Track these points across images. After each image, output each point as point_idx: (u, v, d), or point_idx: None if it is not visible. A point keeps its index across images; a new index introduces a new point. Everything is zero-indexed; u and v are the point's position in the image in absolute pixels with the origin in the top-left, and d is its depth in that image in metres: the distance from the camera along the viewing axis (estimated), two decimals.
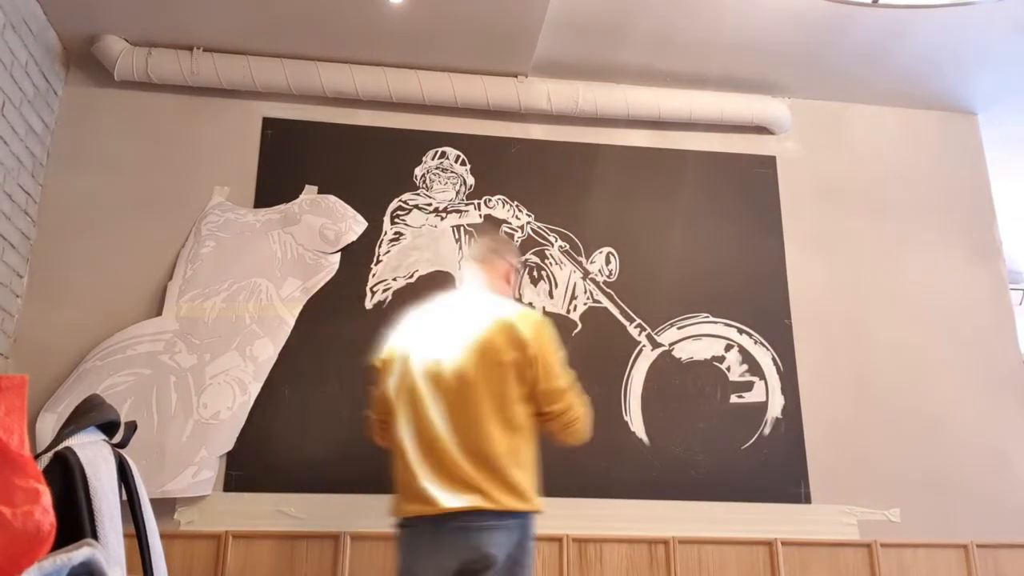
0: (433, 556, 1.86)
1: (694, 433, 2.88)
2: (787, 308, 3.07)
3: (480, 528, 1.84)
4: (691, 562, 2.71)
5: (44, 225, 2.80)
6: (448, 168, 3.07)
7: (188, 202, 2.90)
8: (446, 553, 1.85)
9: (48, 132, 2.86)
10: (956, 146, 3.41)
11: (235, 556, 2.55)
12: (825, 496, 2.86)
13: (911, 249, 3.23)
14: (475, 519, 1.84)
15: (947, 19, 2.83)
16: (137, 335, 2.69)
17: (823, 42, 2.98)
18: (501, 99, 3.07)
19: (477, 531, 1.84)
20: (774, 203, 3.21)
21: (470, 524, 1.84)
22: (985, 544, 2.85)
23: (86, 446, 1.24)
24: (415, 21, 2.79)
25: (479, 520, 1.84)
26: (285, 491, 2.64)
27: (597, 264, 3.03)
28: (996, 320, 3.17)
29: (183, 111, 3.00)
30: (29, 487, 0.92)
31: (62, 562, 0.91)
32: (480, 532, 1.84)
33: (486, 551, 1.83)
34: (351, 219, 2.92)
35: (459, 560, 1.84)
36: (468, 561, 1.84)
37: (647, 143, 3.22)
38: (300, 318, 2.80)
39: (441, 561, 1.85)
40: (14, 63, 2.58)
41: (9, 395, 0.95)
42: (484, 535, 1.84)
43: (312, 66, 2.98)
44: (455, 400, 1.92)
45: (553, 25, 2.85)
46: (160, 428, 2.59)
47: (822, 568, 2.76)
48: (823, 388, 2.99)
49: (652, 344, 2.96)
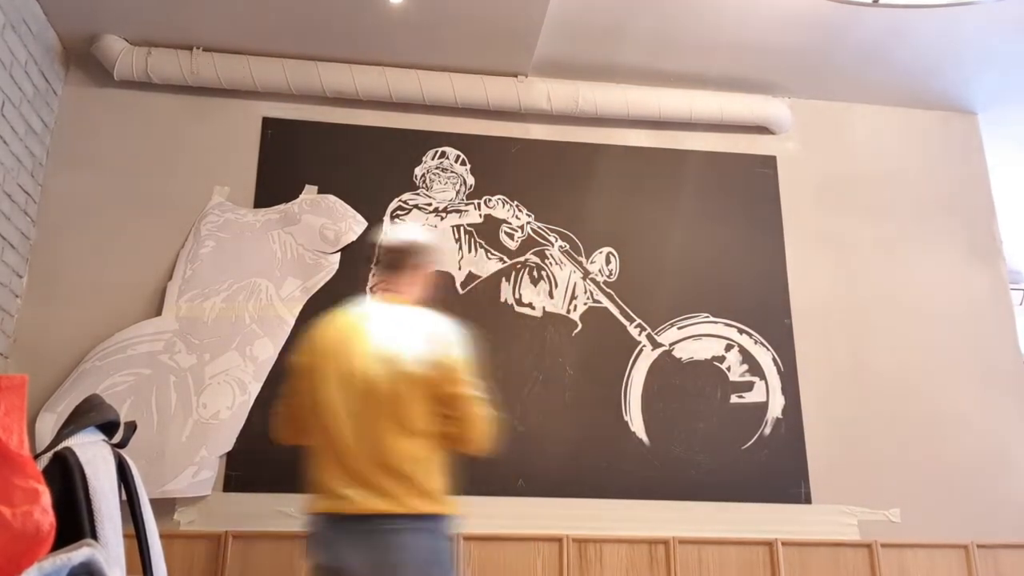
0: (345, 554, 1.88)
1: (694, 433, 2.88)
2: (787, 308, 3.07)
3: (392, 531, 1.87)
4: (691, 562, 2.71)
5: (44, 225, 2.80)
6: (448, 168, 3.07)
7: (188, 202, 2.90)
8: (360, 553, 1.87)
9: (48, 132, 2.86)
10: (956, 146, 3.40)
11: (235, 556, 2.55)
12: (825, 496, 2.86)
13: (911, 249, 3.23)
14: (387, 522, 1.87)
15: (947, 19, 2.83)
16: (137, 335, 2.69)
17: (823, 42, 2.98)
18: (501, 99, 3.06)
19: (389, 533, 1.87)
20: (774, 203, 3.21)
21: (382, 527, 1.87)
22: (985, 544, 2.84)
23: (86, 446, 1.24)
24: (415, 21, 2.79)
25: (391, 523, 1.87)
26: (285, 491, 2.64)
27: (597, 264, 3.03)
28: (996, 320, 3.17)
29: (183, 111, 3.00)
30: (28, 487, 0.92)
31: (62, 562, 0.91)
32: (391, 534, 1.87)
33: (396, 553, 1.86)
34: (351, 219, 2.92)
35: (371, 561, 1.86)
36: (379, 563, 1.85)
37: (647, 143, 3.22)
38: (300, 318, 2.79)
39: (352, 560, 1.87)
40: (14, 63, 2.58)
41: (9, 395, 0.95)
42: (394, 537, 1.86)
43: (312, 66, 2.98)
44: (365, 409, 1.94)
45: (553, 25, 2.85)
46: (160, 428, 2.59)
47: (822, 568, 2.76)
48: (823, 388, 2.99)
49: (652, 344, 2.96)
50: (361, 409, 1.95)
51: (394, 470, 1.91)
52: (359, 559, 1.87)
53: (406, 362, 1.96)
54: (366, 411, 1.95)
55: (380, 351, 1.99)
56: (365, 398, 1.96)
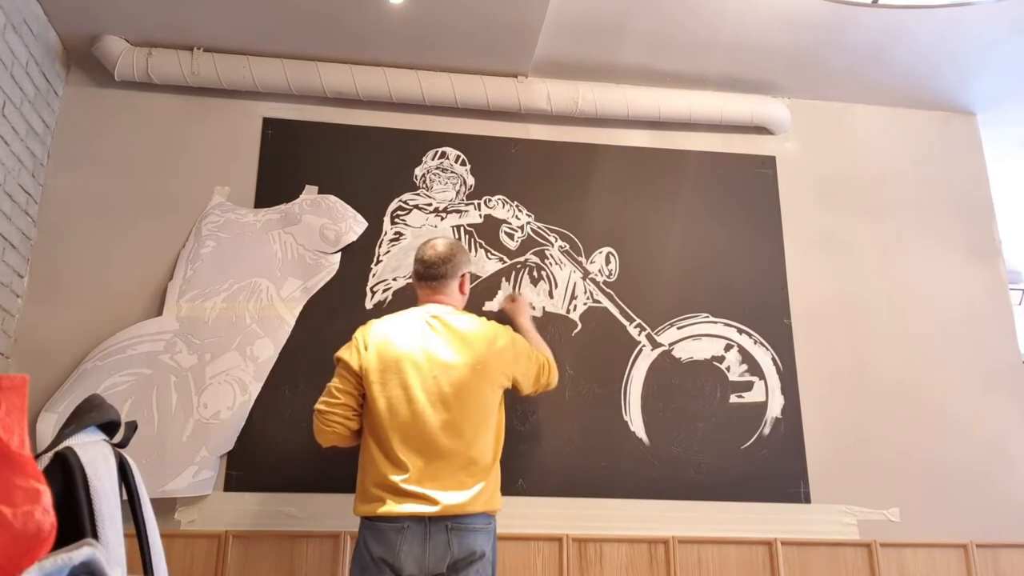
0: (420, 555, 1.97)
1: (694, 433, 2.88)
2: (787, 308, 3.07)
3: (472, 529, 2.00)
4: (691, 562, 2.72)
5: (44, 225, 2.81)
6: (448, 168, 3.07)
7: (188, 202, 2.90)
8: (439, 551, 1.97)
9: (48, 132, 2.86)
10: (956, 146, 3.41)
11: (235, 556, 2.56)
12: (825, 496, 2.86)
13: (911, 249, 3.23)
14: (468, 521, 2.00)
15: (947, 19, 2.83)
16: (137, 335, 2.70)
17: (823, 42, 2.98)
18: (501, 99, 3.07)
19: (470, 532, 2.00)
20: (774, 203, 3.21)
21: (463, 526, 1.99)
22: (985, 544, 2.85)
23: (86, 446, 1.24)
24: (415, 21, 2.79)
25: (472, 522, 2.01)
26: (285, 491, 2.64)
27: (597, 264, 3.03)
28: (996, 320, 3.18)
29: (183, 111, 3.00)
30: (29, 487, 0.92)
31: (62, 562, 0.91)
32: (474, 533, 2.00)
33: (479, 548, 2.00)
34: (351, 219, 2.93)
35: (452, 558, 1.97)
36: (460, 559, 1.97)
37: (647, 143, 3.22)
38: (300, 318, 2.80)
39: (432, 559, 1.97)
40: (14, 63, 2.58)
41: (9, 395, 0.95)
42: (474, 536, 2.00)
43: (312, 66, 2.98)
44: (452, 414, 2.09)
45: (553, 25, 2.85)
46: (160, 428, 2.59)
47: (822, 568, 2.76)
48: (823, 388, 3.00)
49: (652, 344, 2.97)
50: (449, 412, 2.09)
51: (479, 468, 2.07)
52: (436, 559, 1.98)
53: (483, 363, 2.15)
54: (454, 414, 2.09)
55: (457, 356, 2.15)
56: (451, 401, 2.10)
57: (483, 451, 2.09)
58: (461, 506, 2.00)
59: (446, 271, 2.31)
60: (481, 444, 2.10)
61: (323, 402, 2.17)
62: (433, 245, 2.37)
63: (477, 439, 2.09)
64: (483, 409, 2.13)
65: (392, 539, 1.99)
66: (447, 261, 2.32)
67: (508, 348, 2.25)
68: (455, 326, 2.21)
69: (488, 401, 2.15)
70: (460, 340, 2.18)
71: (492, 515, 2.10)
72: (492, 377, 2.17)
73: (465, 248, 2.49)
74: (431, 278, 2.32)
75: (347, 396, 2.17)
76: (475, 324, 2.25)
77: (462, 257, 2.37)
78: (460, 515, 2.00)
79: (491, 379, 2.17)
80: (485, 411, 2.14)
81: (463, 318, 2.26)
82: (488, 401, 2.15)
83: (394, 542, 1.98)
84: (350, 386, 2.17)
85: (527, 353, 2.33)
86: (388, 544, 1.99)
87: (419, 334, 2.19)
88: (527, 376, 2.31)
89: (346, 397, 2.16)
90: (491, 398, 2.17)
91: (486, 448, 2.11)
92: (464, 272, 2.37)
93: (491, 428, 2.14)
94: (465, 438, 2.08)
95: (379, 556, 1.99)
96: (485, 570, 2.02)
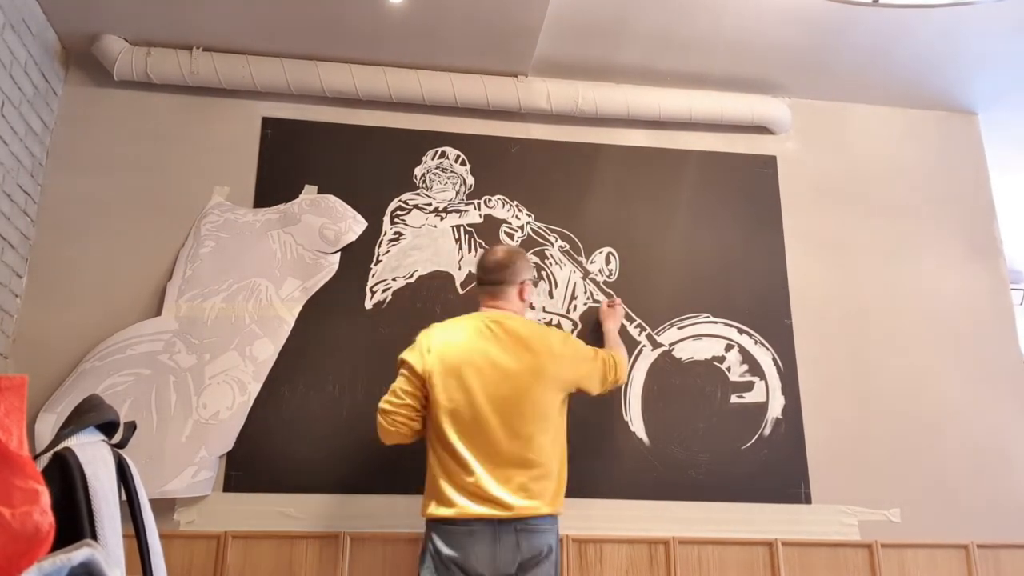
0: (490, 556, 2.05)
1: (694, 433, 2.88)
2: (787, 308, 3.07)
3: (539, 530, 2.09)
4: (691, 562, 2.71)
5: (43, 225, 2.80)
6: (448, 168, 3.07)
7: (188, 202, 2.89)
8: (508, 552, 2.05)
9: (48, 132, 2.86)
10: (956, 146, 3.40)
11: (235, 556, 2.55)
12: (825, 496, 2.86)
13: (911, 249, 3.23)
14: (536, 522, 2.08)
15: (947, 19, 2.83)
16: (137, 335, 2.69)
17: (823, 42, 2.98)
18: (501, 99, 3.06)
19: (539, 532, 2.08)
20: (774, 203, 3.21)
21: (532, 527, 2.08)
22: (986, 544, 2.84)
23: (85, 446, 1.24)
24: (415, 21, 2.78)
25: (539, 523, 2.09)
26: (285, 491, 2.64)
27: (597, 264, 3.03)
28: (996, 320, 3.17)
29: (183, 111, 3.00)
30: (28, 487, 0.92)
31: (61, 562, 0.91)
32: (540, 534, 2.08)
33: (545, 548, 2.08)
34: (351, 219, 2.92)
35: (520, 558, 2.05)
36: (528, 559, 2.06)
37: (647, 143, 3.22)
38: (300, 318, 2.80)
39: (501, 560, 2.05)
40: (13, 63, 2.57)
41: (8, 395, 0.94)
42: (541, 537, 2.08)
43: (312, 66, 2.98)
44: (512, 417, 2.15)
45: (553, 25, 2.85)
46: (160, 428, 2.59)
47: (822, 568, 2.76)
48: (823, 388, 2.99)
49: (652, 344, 2.96)
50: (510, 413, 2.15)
51: (543, 470, 2.13)
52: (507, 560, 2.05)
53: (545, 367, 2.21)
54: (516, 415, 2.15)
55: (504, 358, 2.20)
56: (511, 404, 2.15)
57: (543, 453, 2.15)
58: (528, 508, 2.08)
59: (504, 277, 2.36)
60: (541, 446, 2.15)
61: (387, 401, 2.23)
62: (493, 251, 2.43)
63: (535, 441, 2.14)
64: (542, 412, 2.18)
65: (463, 541, 2.05)
66: (506, 267, 2.37)
67: (566, 352, 2.30)
68: (513, 331, 2.26)
69: (546, 404, 2.20)
70: (518, 345, 2.23)
71: (556, 516, 2.16)
72: (550, 381, 2.22)
73: (526, 256, 2.49)
74: (490, 283, 2.37)
75: (411, 397, 2.22)
76: (533, 329, 2.31)
77: (522, 264, 2.41)
78: (527, 517, 2.08)
79: (549, 383, 2.22)
80: (544, 414, 2.18)
81: (521, 323, 2.31)
82: (546, 404, 2.20)
83: (465, 544, 2.05)
84: (414, 387, 2.22)
85: (586, 354, 2.38)
86: (459, 546, 2.05)
87: (478, 339, 2.24)
88: (591, 377, 2.37)
89: (410, 398, 2.22)
90: (550, 402, 2.21)
91: (546, 450, 2.16)
92: (524, 279, 2.40)
93: (550, 431, 2.19)
94: (524, 440, 2.13)
95: (449, 557, 2.05)
96: (549, 570, 2.09)
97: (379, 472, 2.68)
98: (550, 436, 2.18)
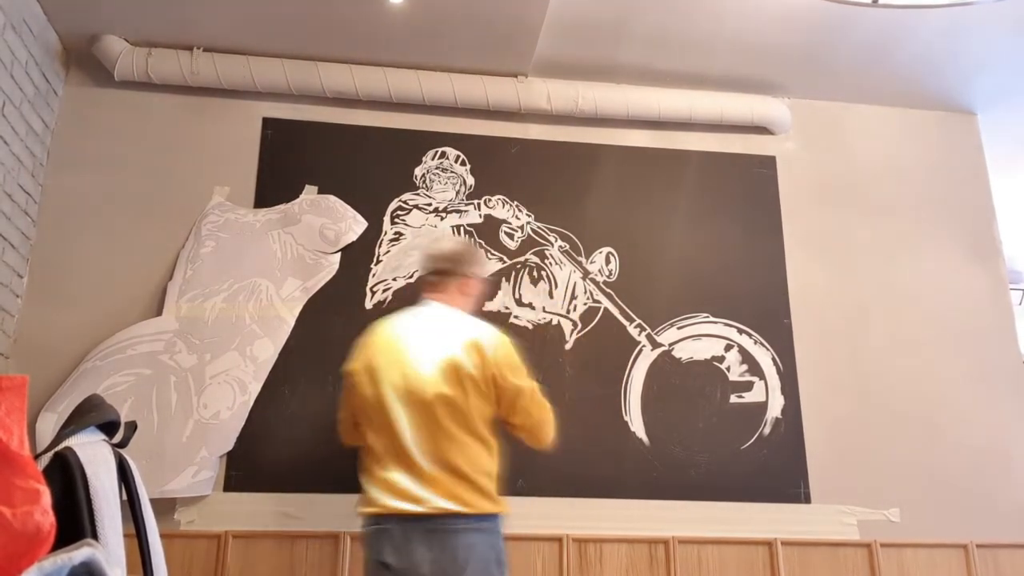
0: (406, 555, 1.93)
1: (694, 433, 2.88)
2: (787, 308, 3.07)
3: (459, 531, 1.94)
4: (691, 562, 2.71)
5: (44, 225, 2.80)
6: (448, 168, 3.07)
7: (188, 202, 2.90)
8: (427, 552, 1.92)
9: (48, 132, 2.86)
10: (956, 146, 3.40)
11: (235, 556, 2.55)
12: (825, 496, 2.86)
13: (911, 249, 3.23)
14: (454, 522, 1.94)
15: (947, 19, 2.83)
16: (137, 335, 2.69)
17: (823, 42, 2.98)
18: (501, 99, 3.07)
19: (456, 533, 1.93)
20: (774, 203, 3.21)
21: (449, 527, 1.94)
22: (985, 544, 2.85)
23: (86, 446, 1.24)
24: (415, 21, 2.79)
25: (458, 523, 1.94)
26: (285, 491, 2.64)
27: (597, 264, 3.03)
28: (996, 320, 3.17)
29: (183, 111, 3.00)
30: (29, 487, 0.92)
31: (62, 562, 0.91)
32: (458, 534, 1.93)
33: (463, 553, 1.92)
34: (351, 219, 2.92)
35: (438, 561, 1.91)
36: (446, 563, 1.91)
37: (647, 143, 3.22)
38: (300, 318, 2.80)
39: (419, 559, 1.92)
40: (14, 63, 2.58)
41: (9, 395, 0.95)
42: (462, 537, 1.93)
43: (312, 66, 2.98)
44: (423, 414, 2.03)
45: (553, 25, 2.85)
46: (160, 428, 2.59)
47: (822, 568, 2.76)
48: (823, 388, 2.99)
49: (652, 344, 2.96)
50: (423, 411, 2.04)
51: (458, 470, 1.99)
52: (426, 559, 1.92)
53: (459, 363, 2.06)
54: (427, 413, 2.03)
55: (433, 354, 2.08)
56: (425, 400, 2.04)
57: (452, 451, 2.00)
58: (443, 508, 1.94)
59: (445, 267, 2.26)
60: (448, 444, 2.00)
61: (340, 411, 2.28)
62: (443, 242, 2.40)
63: (441, 438, 2.01)
64: (450, 408, 2.03)
65: (380, 539, 1.98)
66: (450, 260, 2.27)
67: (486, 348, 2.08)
68: (434, 324, 2.16)
69: (454, 400, 2.03)
70: (435, 337, 2.12)
71: (485, 516, 1.99)
72: (459, 375, 2.04)
73: (476, 252, 2.41)
74: (432, 273, 2.29)
75: (347, 403, 2.25)
76: (458, 323, 2.16)
77: (468, 259, 2.31)
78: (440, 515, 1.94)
79: (458, 377, 2.04)
80: (452, 410, 2.03)
81: (448, 316, 2.19)
82: (454, 400, 2.03)
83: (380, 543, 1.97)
84: (348, 393, 2.23)
85: (518, 369, 2.13)
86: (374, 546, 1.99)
87: (400, 331, 2.17)
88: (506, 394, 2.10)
89: (347, 405, 2.24)
90: (459, 397, 2.03)
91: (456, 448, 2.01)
92: (468, 273, 2.28)
93: (464, 428, 2.03)
94: (429, 437, 2.01)
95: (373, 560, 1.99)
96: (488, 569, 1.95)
97: None
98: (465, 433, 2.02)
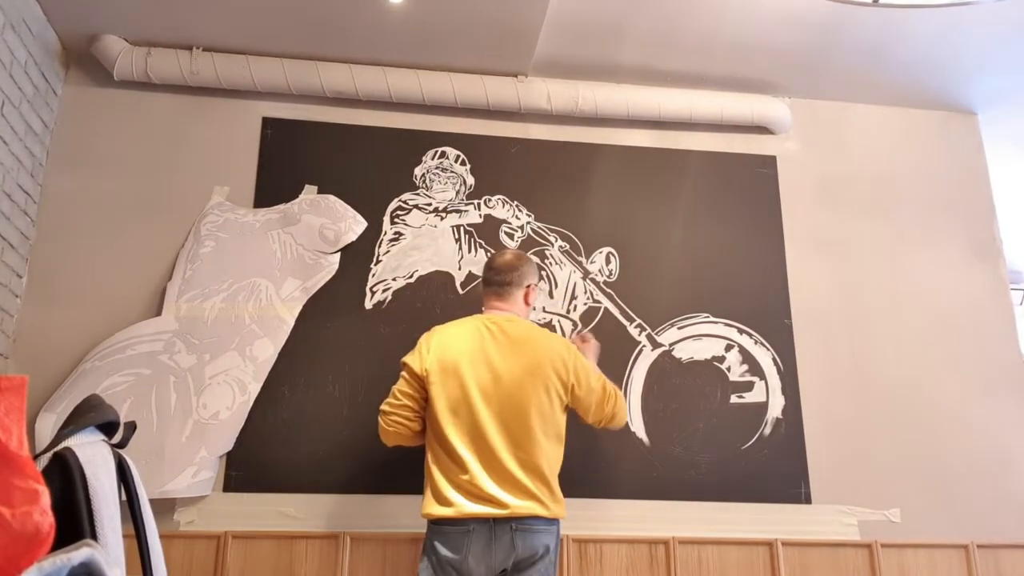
0: (486, 555, 2.05)
1: (694, 433, 2.88)
2: (787, 308, 3.07)
3: (535, 531, 2.08)
4: (691, 562, 2.71)
5: (43, 225, 2.80)
6: (448, 168, 3.07)
7: (188, 202, 2.90)
8: (504, 551, 2.05)
9: (47, 132, 2.86)
10: (956, 146, 3.40)
11: (235, 556, 2.55)
12: (825, 496, 2.86)
13: (911, 249, 3.23)
14: (532, 523, 2.08)
15: (947, 19, 2.83)
16: (137, 335, 2.69)
17: (823, 42, 2.98)
18: (501, 99, 3.06)
19: (533, 533, 2.08)
20: (774, 203, 3.21)
21: (528, 527, 2.07)
22: (986, 544, 2.84)
23: (85, 446, 1.24)
24: (415, 21, 2.78)
25: (534, 524, 2.08)
26: (285, 491, 2.64)
27: (597, 264, 3.03)
28: (996, 320, 3.17)
29: (183, 111, 3.00)
30: (28, 488, 0.92)
31: (61, 563, 0.91)
32: (535, 534, 2.08)
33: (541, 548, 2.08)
34: (351, 219, 2.92)
35: (516, 557, 2.06)
36: (524, 559, 2.06)
37: (647, 143, 3.22)
38: (300, 318, 2.80)
39: (495, 560, 2.05)
40: (14, 63, 2.57)
41: (8, 395, 0.94)
42: (538, 537, 2.08)
43: (312, 66, 2.98)
44: (514, 419, 2.15)
45: (553, 25, 2.85)
46: (160, 428, 2.59)
47: (822, 568, 2.76)
48: (823, 388, 2.99)
49: (652, 344, 2.96)
50: (514, 415, 2.15)
51: (542, 475, 2.13)
52: (500, 560, 2.06)
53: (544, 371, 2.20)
54: (519, 418, 2.15)
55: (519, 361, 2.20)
56: (516, 405, 2.16)
57: (539, 454, 2.13)
58: (524, 508, 2.07)
59: (511, 279, 2.36)
60: (538, 447, 2.13)
61: (387, 403, 2.26)
62: (502, 253, 2.45)
63: (529, 442, 2.13)
64: (539, 413, 2.16)
65: (460, 541, 2.06)
66: (513, 270, 2.37)
67: (568, 360, 2.25)
68: (513, 333, 2.26)
69: (543, 406, 2.18)
70: (517, 346, 2.23)
71: (556, 519, 2.14)
72: (545, 383, 2.20)
73: (533, 260, 2.49)
74: (496, 284, 2.37)
75: (409, 398, 2.23)
76: (533, 332, 2.30)
77: (528, 268, 2.42)
78: (524, 516, 2.07)
79: (544, 384, 2.19)
80: (541, 415, 2.17)
81: (523, 325, 2.30)
82: (543, 406, 2.18)
83: (462, 544, 2.05)
84: (412, 388, 2.24)
85: (589, 371, 2.31)
86: (456, 547, 2.06)
87: (477, 339, 2.24)
88: (589, 396, 2.29)
89: (408, 399, 2.23)
90: (545, 403, 2.18)
91: (544, 452, 2.14)
92: (530, 283, 2.40)
93: (549, 433, 2.17)
94: (520, 440, 2.13)
95: (446, 559, 2.06)
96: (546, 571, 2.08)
97: (379, 472, 2.68)
98: (548, 438, 2.17)
